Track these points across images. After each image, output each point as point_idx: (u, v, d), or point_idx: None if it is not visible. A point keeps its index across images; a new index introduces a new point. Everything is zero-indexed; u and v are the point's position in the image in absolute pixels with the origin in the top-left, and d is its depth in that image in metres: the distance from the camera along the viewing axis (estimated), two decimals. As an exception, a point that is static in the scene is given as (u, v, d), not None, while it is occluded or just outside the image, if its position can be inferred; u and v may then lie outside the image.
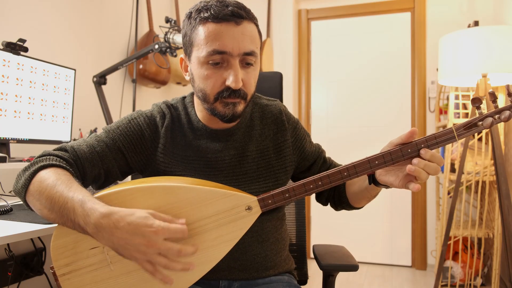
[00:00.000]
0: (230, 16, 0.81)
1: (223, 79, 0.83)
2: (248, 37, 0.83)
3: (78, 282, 0.73)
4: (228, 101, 0.84)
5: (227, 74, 0.83)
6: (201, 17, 0.82)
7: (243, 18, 0.82)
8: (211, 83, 0.84)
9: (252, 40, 0.84)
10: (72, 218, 0.69)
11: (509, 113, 0.74)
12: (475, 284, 2.39)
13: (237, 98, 0.84)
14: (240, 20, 0.82)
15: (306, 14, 3.29)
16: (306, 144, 1.02)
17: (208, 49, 0.81)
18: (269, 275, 0.95)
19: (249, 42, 0.83)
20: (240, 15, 0.81)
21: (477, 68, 1.80)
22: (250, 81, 0.86)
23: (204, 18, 0.82)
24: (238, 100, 0.85)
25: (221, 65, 0.83)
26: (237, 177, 0.93)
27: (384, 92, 3.10)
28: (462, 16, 2.85)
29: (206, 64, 0.83)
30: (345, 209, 1.05)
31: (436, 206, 2.83)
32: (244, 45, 0.82)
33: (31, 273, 1.52)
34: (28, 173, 0.77)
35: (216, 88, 0.84)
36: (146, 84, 2.45)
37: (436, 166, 0.75)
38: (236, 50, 0.81)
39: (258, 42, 0.87)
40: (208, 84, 0.84)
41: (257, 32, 0.87)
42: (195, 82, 0.88)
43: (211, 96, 0.85)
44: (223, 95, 0.84)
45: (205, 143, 0.93)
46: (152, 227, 0.65)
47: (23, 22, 1.75)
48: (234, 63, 0.82)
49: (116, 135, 0.90)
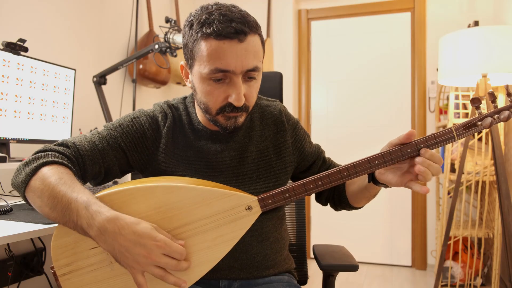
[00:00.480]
0: (234, 34, 0.78)
1: (226, 95, 0.83)
2: (251, 53, 0.81)
3: (78, 282, 0.73)
4: (230, 115, 0.85)
5: (229, 91, 0.82)
6: (203, 32, 0.79)
7: (247, 34, 0.79)
8: (213, 98, 0.83)
9: (256, 55, 0.82)
10: (74, 219, 0.69)
11: (509, 113, 0.74)
12: (475, 284, 2.39)
13: (239, 112, 0.85)
14: (244, 37, 0.79)
15: (306, 14, 3.29)
16: (306, 145, 1.03)
17: (211, 67, 0.80)
18: (269, 274, 0.95)
19: (252, 58, 0.81)
20: (244, 31, 0.78)
21: (477, 68, 1.80)
22: (252, 94, 0.86)
23: (207, 34, 0.79)
24: (240, 114, 0.86)
25: (224, 81, 0.82)
26: (238, 177, 0.93)
27: (384, 92, 3.10)
28: (462, 16, 2.85)
29: (208, 80, 0.82)
30: (345, 209, 1.05)
31: (436, 206, 2.83)
32: (248, 62, 0.80)
33: (31, 273, 1.52)
34: (29, 168, 0.76)
35: (218, 104, 0.84)
36: (146, 84, 2.45)
37: (438, 166, 0.75)
38: (239, 68, 0.80)
39: (261, 54, 0.85)
40: (210, 99, 0.84)
41: (261, 43, 0.85)
42: (197, 94, 0.87)
43: (213, 110, 0.85)
44: (226, 110, 0.84)
45: (206, 144, 0.93)
46: (155, 240, 0.66)
47: (23, 22, 1.75)
48: (236, 81, 0.81)
49: (118, 133, 0.90)
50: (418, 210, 2.96)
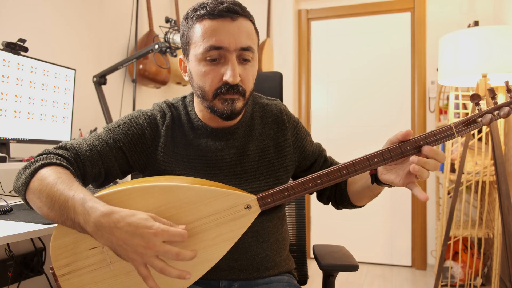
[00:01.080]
0: (226, 12, 0.82)
1: (221, 75, 0.84)
2: (244, 32, 0.84)
3: (77, 282, 0.73)
4: (226, 97, 0.85)
5: (224, 70, 0.83)
6: (197, 15, 0.84)
7: (239, 14, 0.83)
8: (209, 79, 0.84)
9: (249, 36, 0.85)
10: (72, 217, 0.69)
11: (508, 109, 0.74)
12: (475, 284, 2.39)
13: (235, 94, 0.85)
14: (236, 16, 0.83)
15: (306, 14, 3.29)
16: (306, 143, 1.03)
17: (205, 45, 0.82)
18: (269, 275, 0.95)
19: (246, 37, 0.84)
20: (236, 11, 0.83)
21: (477, 68, 1.80)
22: (248, 77, 0.87)
23: (200, 16, 0.83)
24: (237, 97, 0.85)
25: (219, 61, 0.84)
26: (238, 176, 0.93)
27: (384, 92, 3.10)
28: (462, 16, 2.84)
29: (204, 60, 0.84)
30: (347, 208, 1.05)
31: (436, 206, 2.83)
32: (241, 40, 0.83)
33: (31, 273, 1.52)
34: (29, 171, 0.77)
35: (214, 84, 0.85)
36: (146, 84, 2.45)
37: (435, 162, 0.74)
38: (232, 45, 0.82)
39: (255, 38, 0.88)
40: (206, 80, 0.85)
41: (254, 29, 0.88)
42: (194, 80, 0.88)
43: (210, 93, 0.85)
44: (221, 91, 0.84)
45: (206, 142, 0.93)
46: (151, 228, 0.65)
47: (23, 22, 1.75)
48: (231, 58, 0.83)
49: (116, 134, 0.90)
50: (418, 210, 2.96)
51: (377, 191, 0.91)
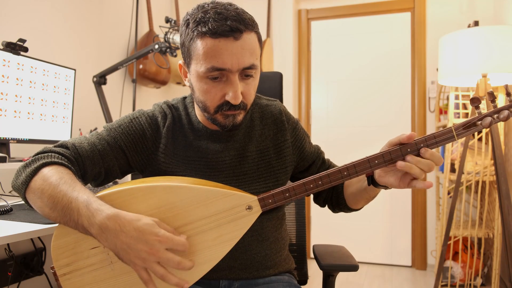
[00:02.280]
0: (229, 31, 0.77)
1: (223, 93, 0.82)
2: (247, 50, 0.80)
3: (78, 282, 0.73)
4: (228, 113, 0.85)
5: (226, 89, 0.82)
6: (198, 31, 0.79)
7: (242, 32, 0.79)
8: (211, 97, 0.83)
9: (252, 53, 0.81)
10: (75, 218, 0.69)
11: (508, 113, 0.74)
12: (475, 284, 2.39)
13: (237, 110, 0.84)
14: (239, 34, 0.78)
15: (306, 14, 3.29)
16: (305, 145, 1.03)
17: (207, 65, 0.80)
18: (269, 274, 0.95)
19: (249, 56, 0.81)
20: (239, 29, 0.78)
21: (477, 68, 1.80)
22: (250, 92, 0.86)
23: (202, 33, 0.79)
24: (239, 112, 0.85)
25: (220, 79, 0.82)
26: (237, 177, 0.93)
27: (384, 92, 3.10)
28: (462, 16, 2.85)
29: (205, 78, 0.82)
30: (343, 211, 1.05)
31: (436, 206, 2.83)
32: (244, 60, 0.80)
33: (31, 273, 1.52)
34: (30, 169, 0.76)
35: (215, 102, 0.84)
36: (146, 84, 2.45)
37: (429, 162, 0.74)
38: (235, 66, 0.79)
39: (258, 52, 0.85)
40: (207, 97, 0.84)
41: (257, 40, 0.84)
42: (195, 93, 0.87)
43: (211, 109, 0.85)
44: (223, 108, 0.84)
45: (206, 144, 0.93)
46: (157, 235, 0.66)
47: (23, 22, 1.75)
48: (233, 79, 0.81)
49: (117, 134, 0.90)
50: (418, 210, 2.96)
51: (373, 194, 0.91)
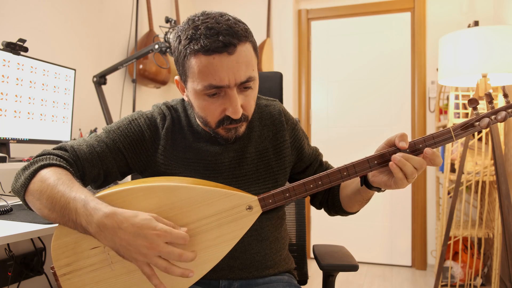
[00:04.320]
0: (222, 47, 0.75)
1: (222, 108, 0.82)
2: (243, 64, 0.78)
3: (78, 282, 0.73)
4: (230, 127, 0.85)
5: (226, 105, 0.81)
6: (191, 49, 0.77)
7: (236, 46, 0.76)
8: (210, 113, 0.83)
9: (248, 65, 0.79)
10: (73, 218, 0.69)
11: (505, 114, 0.75)
12: (475, 284, 2.39)
13: (238, 123, 0.84)
14: (233, 48, 0.76)
15: (306, 14, 3.29)
16: (304, 145, 1.03)
17: (204, 83, 0.78)
18: (269, 274, 0.95)
19: (245, 69, 0.78)
20: (232, 43, 0.76)
21: (477, 68, 1.80)
22: (250, 103, 0.85)
23: (195, 51, 0.77)
24: (240, 124, 0.85)
25: (219, 95, 0.81)
26: (237, 179, 0.93)
27: (384, 92, 3.10)
28: (462, 16, 2.85)
29: (203, 95, 0.81)
30: (339, 214, 1.04)
31: (436, 206, 2.83)
32: (240, 74, 0.78)
33: (31, 273, 1.52)
34: (28, 172, 0.77)
35: (216, 117, 0.83)
36: (146, 84, 2.45)
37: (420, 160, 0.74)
38: (232, 82, 0.78)
39: (255, 62, 0.82)
40: (207, 113, 0.83)
41: (253, 50, 0.81)
42: (194, 108, 0.87)
43: (213, 124, 0.85)
44: (224, 123, 0.83)
45: (205, 146, 0.93)
46: (155, 229, 0.65)
47: (23, 22, 1.75)
48: (232, 94, 0.79)
49: (116, 136, 0.90)
50: (418, 210, 2.96)
51: (367, 196, 0.90)
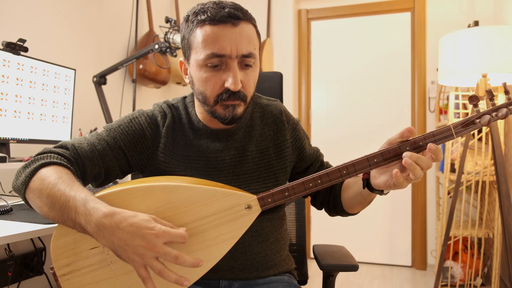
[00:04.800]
0: (227, 17, 0.80)
1: (222, 81, 0.83)
2: (245, 38, 0.82)
3: (78, 282, 0.73)
4: (228, 103, 0.85)
5: (226, 76, 0.83)
6: (198, 20, 0.82)
7: (240, 19, 0.82)
8: (211, 85, 0.84)
9: (250, 41, 0.84)
10: (73, 217, 0.69)
11: (506, 111, 0.74)
12: (475, 284, 2.39)
13: (236, 100, 0.85)
14: (237, 21, 0.81)
15: (306, 14, 3.29)
16: (305, 145, 1.03)
17: (207, 52, 0.81)
18: (269, 274, 0.95)
19: (247, 43, 0.83)
20: (237, 16, 0.81)
21: (477, 68, 1.80)
22: (250, 83, 0.86)
23: (201, 21, 0.82)
24: (238, 102, 0.85)
25: (220, 67, 0.83)
26: (237, 177, 0.93)
27: (384, 92, 3.10)
28: (462, 16, 2.85)
29: (205, 67, 0.83)
30: (340, 215, 1.04)
31: (436, 206, 2.83)
32: (242, 46, 0.82)
33: (31, 273, 1.52)
34: (29, 170, 0.77)
35: (215, 91, 0.84)
36: (146, 84, 2.45)
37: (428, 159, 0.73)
38: (234, 52, 0.81)
39: (257, 42, 0.87)
40: (207, 86, 0.84)
41: (255, 32, 0.87)
42: (195, 85, 0.88)
43: (211, 99, 0.85)
44: (223, 97, 0.84)
45: (206, 143, 0.93)
46: (153, 229, 0.65)
47: (23, 22, 1.75)
48: (232, 65, 0.82)
49: (117, 134, 0.90)
50: (418, 210, 2.96)
51: (369, 199, 0.90)
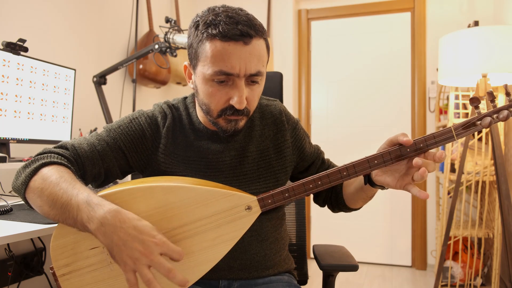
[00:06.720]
0: (239, 36, 0.78)
1: (228, 97, 0.83)
2: (255, 57, 0.81)
3: (78, 282, 0.73)
4: (231, 118, 0.85)
5: (232, 94, 0.82)
6: (208, 33, 0.80)
7: (252, 37, 0.79)
8: (215, 100, 0.83)
9: (260, 59, 0.82)
10: (74, 215, 0.69)
11: (507, 113, 0.74)
12: (475, 284, 2.39)
13: (240, 115, 0.85)
14: (249, 39, 0.79)
15: (306, 14, 3.28)
16: (305, 145, 1.03)
17: (215, 68, 0.80)
18: (268, 274, 0.95)
19: (256, 62, 0.81)
20: (249, 34, 0.79)
21: (477, 68, 1.80)
22: (254, 98, 0.86)
23: (212, 35, 0.79)
24: (241, 117, 0.86)
25: (226, 83, 0.82)
26: (238, 177, 0.93)
27: (384, 92, 3.10)
28: (462, 16, 2.84)
29: (211, 81, 0.82)
30: (343, 211, 1.05)
31: (436, 206, 2.83)
32: (251, 66, 0.80)
33: (31, 273, 1.52)
34: (29, 170, 0.77)
35: (220, 105, 0.84)
36: (146, 84, 2.45)
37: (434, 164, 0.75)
38: (242, 72, 0.80)
39: (266, 59, 0.85)
40: (212, 100, 0.84)
41: (266, 47, 0.85)
42: (199, 95, 0.87)
43: (215, 112, 0.85)
44: (227, 113, 0.84)
45: (206, 144, 0.93)
46: (154, 237, 0.66)
47: (23, 22, 1.75)
48: (239, 84, 0.81)
49: (117, 135, 0.90)
50: (418, 210, 2.96)
51: (371, 193, 0.90)
